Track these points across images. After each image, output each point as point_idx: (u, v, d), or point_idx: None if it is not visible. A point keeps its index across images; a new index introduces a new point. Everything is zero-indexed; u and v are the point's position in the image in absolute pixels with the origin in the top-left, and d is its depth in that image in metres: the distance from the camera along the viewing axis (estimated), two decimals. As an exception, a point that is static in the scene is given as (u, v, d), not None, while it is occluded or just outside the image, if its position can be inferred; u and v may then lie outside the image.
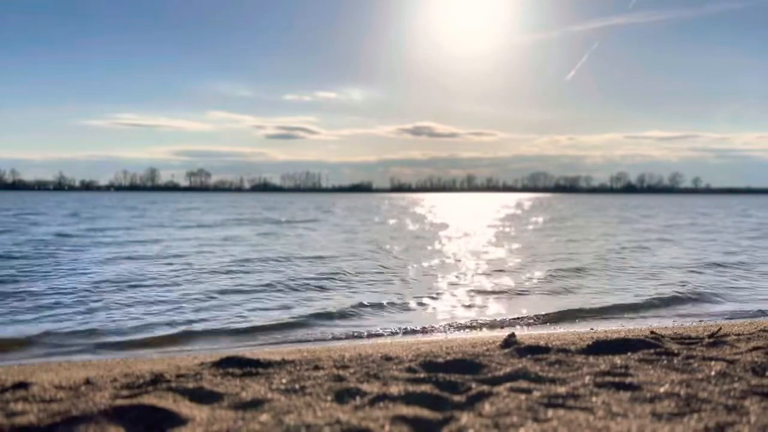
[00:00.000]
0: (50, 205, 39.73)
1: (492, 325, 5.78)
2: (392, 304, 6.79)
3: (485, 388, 2.52)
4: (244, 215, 29.59)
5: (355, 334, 5.43)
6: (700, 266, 10.27)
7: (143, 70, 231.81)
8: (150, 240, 14.89)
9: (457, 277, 8.98)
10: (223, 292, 7.34)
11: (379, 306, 6.64)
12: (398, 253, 12.32)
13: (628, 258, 11.47)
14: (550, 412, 2.19)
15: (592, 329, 5.40)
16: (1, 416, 2.15)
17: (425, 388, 2.53)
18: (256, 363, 3.11)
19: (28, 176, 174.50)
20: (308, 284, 8.09)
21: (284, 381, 2.74)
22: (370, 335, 5.38)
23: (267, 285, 7.90)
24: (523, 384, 2.60)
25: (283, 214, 31.77)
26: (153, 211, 34.37)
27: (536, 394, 2.43)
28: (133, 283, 7.92)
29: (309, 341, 5.16)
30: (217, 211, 34.95)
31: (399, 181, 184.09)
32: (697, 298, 7.35)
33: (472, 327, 5.71)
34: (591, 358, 3.16)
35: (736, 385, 2.53)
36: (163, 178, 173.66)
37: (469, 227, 21.77)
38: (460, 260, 11.13)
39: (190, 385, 2.60)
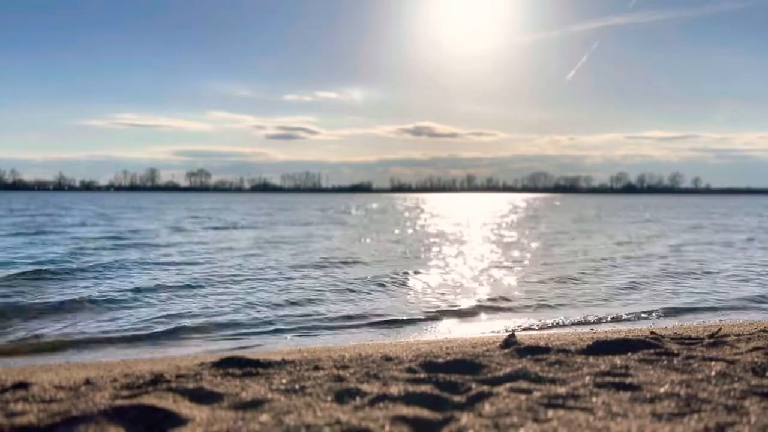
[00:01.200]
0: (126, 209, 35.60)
1: None
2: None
3: (485, 388, 2.52)
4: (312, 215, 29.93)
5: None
6: None
7: (143, 70, 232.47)
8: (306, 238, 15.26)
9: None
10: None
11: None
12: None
13: None
14: (550, 413, 2.19)
15: (592, 329, 5.40)
16: (1, 416, 2.15)
17: (425, 388, 2.53)
18: (256, 363, 3.11)
19: (28, 176, 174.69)
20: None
21: (284, 381, 2.74)
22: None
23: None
24: (523, 384, 2.60)
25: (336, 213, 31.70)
26: (219, 211, 33.78)
27: (536, 394, 2.43)
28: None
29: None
30: (277, 211, 34.35)
31: (399, 181, 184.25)
32: None
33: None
34: (591, 359, 3.16)
35: (736, 385, 2.53)
36: (163, 178, 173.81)
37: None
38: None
39: (190, 385, 2.60)
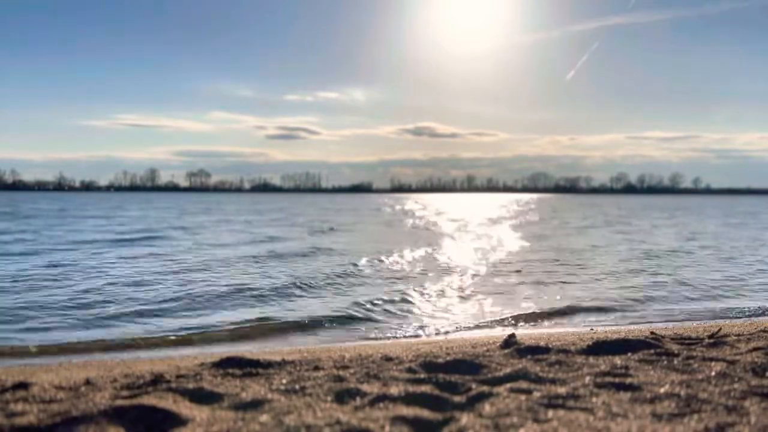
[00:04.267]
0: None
1: None
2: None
3: (485, 388, 2.52)
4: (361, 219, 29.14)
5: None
6: None
7: (143, 70, 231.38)
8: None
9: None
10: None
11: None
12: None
13: None
14: (551, 413, 2.19)
15: (591, 329, 5.40)
16: (1, 416, 2.15)
17: (425, 388, 2.53)
18: (256, 363, 3.11)
19: (28, 176, 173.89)
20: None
21: (284, 381, 2.74)
22: None
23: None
24: (524, 384, 2.60)
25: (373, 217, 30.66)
26: (295, 215, 32.34)
27: (536, 394, 2.43)
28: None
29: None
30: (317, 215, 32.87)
31: (399, 181, 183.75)
32: None
33: None
34: (591, 359, 3.16)
35: (736, 385, 2.53)
36: (163, 178, 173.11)
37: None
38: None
39: (190, 385, 2.60)
